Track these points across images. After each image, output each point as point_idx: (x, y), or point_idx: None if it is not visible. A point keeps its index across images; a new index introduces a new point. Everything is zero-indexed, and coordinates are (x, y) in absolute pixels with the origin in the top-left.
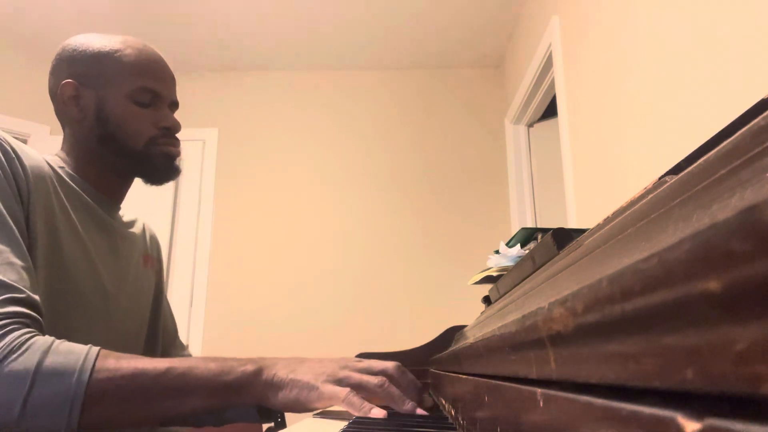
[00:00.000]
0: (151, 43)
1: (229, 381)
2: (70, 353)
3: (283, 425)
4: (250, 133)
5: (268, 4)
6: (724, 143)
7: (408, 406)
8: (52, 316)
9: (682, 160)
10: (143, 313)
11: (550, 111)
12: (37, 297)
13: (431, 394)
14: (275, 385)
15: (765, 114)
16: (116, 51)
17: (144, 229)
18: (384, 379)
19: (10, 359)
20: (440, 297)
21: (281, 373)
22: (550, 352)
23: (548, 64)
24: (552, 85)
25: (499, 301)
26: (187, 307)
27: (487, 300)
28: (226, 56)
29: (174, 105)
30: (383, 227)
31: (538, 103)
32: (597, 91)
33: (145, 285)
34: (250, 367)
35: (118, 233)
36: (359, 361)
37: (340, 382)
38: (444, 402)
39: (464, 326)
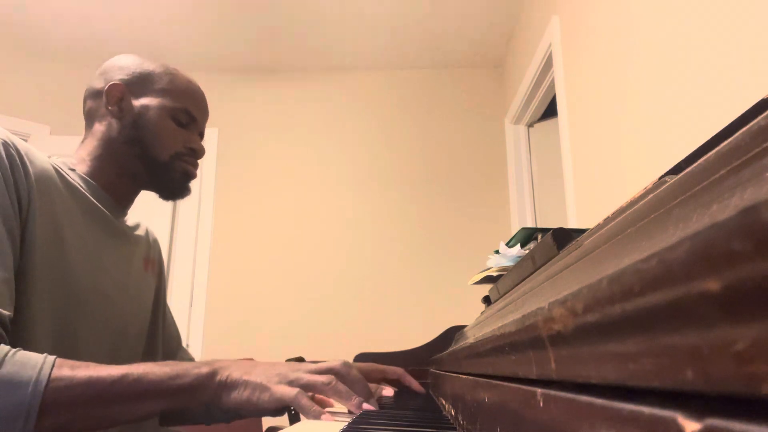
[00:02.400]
0: (152, 43)
1: (184, 384)
2: (25, 363)
3: (297, 417)
4: (250, 133)
5: (269, 5)
6: (724, 143)
7: (355, 401)
8: (55, 318)
9: (682, 160)
10: (143, 316)
11: (550, 111)
12: (6, 312)
13: (431, 393)
14: (228, 386)
15: (765, 114)
16: (169, 73)
17: (147, 233)
18: (332, 377)
19: None
20: (440, 297)
21: (235, 374)
22: (550, 352)
23: (548, 64)
24: (552, 85)
25: (499, 301)
26: (187, 307)
27: (487, 300)
28: (226, 56)
29: (201, 136)
30: (383, 227)
31: (538, 103)
32: (597, 91)
33: (145, 289)
34: (204, 370)
35: (122, 236)
36: (308, 364)
37: (291, 383)
38: (444, 402)
39: (464, 326)
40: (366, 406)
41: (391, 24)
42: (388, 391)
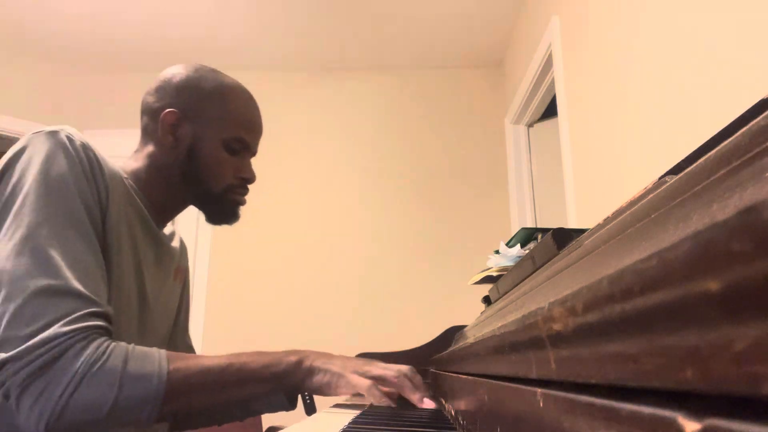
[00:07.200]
0: (151, 42)
1: (278, 371)
2: (146, 358)
3: (313, 408)
4: None
5: (269, 5)
6: (724, 143)
7: (417, 395)
8: None
9: (682, 160)
10: (168, 324)
11: (550, 111)
12: (110, 308)
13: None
14: (311, 372)
15: (765, 114)
16: (226, 96)
17: (179, 242)
18: (399, 372)
19: (97, 365)
20: (440, 297)
21: (317, 362)
22: (550, 352)
23: (548, 64)
24: (552, 85)
25: (499, 301)
26: None
27: (487, 300)
28: (226, 56)
29: (254, 154)
30: (382, 227)
31: (538, 103)
32: (597, 91)
33: (173, 298)
34: (293, 358)
35: (163, 246)
36: (379, 362)
37: (363, 374)
38: (444, 402)
39: (464, 326)
40: (427, 401)
41: (390, 24)
42: None
